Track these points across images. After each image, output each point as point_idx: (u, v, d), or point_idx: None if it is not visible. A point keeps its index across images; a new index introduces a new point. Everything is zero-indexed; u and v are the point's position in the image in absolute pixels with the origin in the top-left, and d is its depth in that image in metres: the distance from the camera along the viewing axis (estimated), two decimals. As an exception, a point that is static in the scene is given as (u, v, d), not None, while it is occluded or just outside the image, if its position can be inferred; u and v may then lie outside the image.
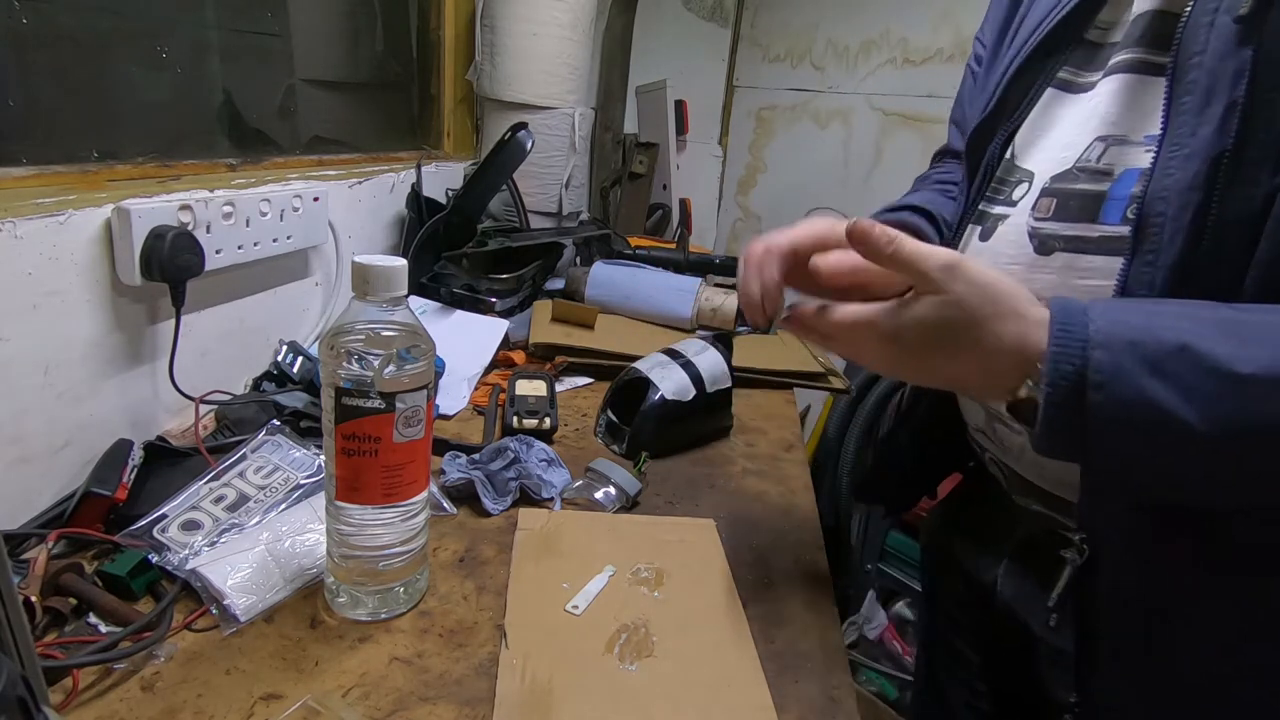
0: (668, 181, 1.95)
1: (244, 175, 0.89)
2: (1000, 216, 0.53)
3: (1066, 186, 0.48)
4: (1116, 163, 0.45)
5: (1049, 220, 0.48)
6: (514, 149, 1.18)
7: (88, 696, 0.46)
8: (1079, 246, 0.46)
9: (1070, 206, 0.47)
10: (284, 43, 1.07)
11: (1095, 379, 0.37)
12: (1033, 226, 0.49)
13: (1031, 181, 0.51)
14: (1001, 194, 0.54)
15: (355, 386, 0.49)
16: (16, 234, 0.59)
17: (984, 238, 0.54)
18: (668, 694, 0.50)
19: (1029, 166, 0.52)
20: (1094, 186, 0.46)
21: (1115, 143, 0.46)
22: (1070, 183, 0.48)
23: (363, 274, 0.49)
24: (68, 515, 0.60)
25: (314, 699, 0.47)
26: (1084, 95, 0.50)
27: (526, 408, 0.87)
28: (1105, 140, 0.47)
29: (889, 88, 1.98)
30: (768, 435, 0.95)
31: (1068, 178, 0.48)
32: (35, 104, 0.72)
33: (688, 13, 2.13)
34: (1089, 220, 0.46)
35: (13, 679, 0.29)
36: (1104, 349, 0.37)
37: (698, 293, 1.21)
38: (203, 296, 0.78)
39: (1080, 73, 0.51)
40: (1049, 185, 0.49)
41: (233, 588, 0.53)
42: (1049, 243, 0.48)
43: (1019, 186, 0.52)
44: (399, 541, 0.54)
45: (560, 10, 1.35)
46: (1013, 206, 0.52)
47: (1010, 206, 0.52)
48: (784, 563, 0.67)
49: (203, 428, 0.76)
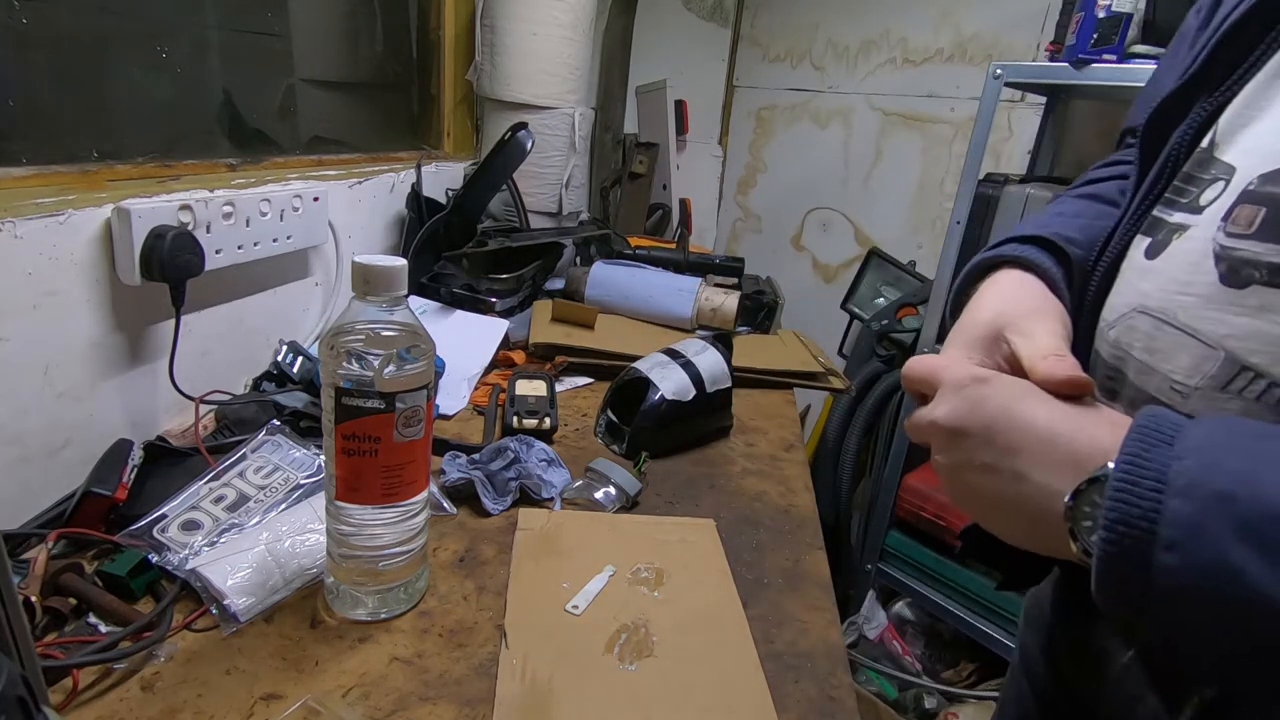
0: (668, 181, 1.95)
1: (244, 175, 0.89)
2: (1178, 228, 0.39)
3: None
4: None
5: (1248, 238, 0.34)
6: (514, 149, 1.18)
7: (88, 696, 0.46)
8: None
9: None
10: (284, 43, 1.07)
11: (1168, 537, 0.28)
12: (1221, 245, 0.35)
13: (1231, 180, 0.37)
14: (1186, 196, 0.40)
15: (355, 386, 0.49)
16: (16, 234, 0.59)
17: (1152, 254, 0.40)
18: (668, 694, 0.50)
19: (1231, 160, 0.38)
20: None
21: None
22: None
23: (363, 274, 0.49)
24: (68, 515, 0.60)
25: (314, 699, 0.47)
26: None
27: (526, 408, 0.87)
28: None
29: (889, 88, 1.98)
30: (768, 435, 0.95)
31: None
32: (35, 104, 0.72)
33: (688, 13, 2.13)
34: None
35: (13, 679, 0.29)
36: (1185, 498, 0.28)
37: (698, 293, 1.21)
38: (203, 296, 0.79)
39: None
40: (1255, 187, 0.35)
41: (233, 588, 0.53)
42: (1244, 271, 0.34)
43: (1211, 186, 0.38)
44: (399, 541, 0.54)
45: (560, 10, 1.35)
46: (1198, 214, 0.38)
47: (1194, 214, 0.38)
48: (784, 563, 0.67)
49: (203, 428, 0.76)
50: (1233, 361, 0.34)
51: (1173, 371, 0.37)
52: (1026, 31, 1.73)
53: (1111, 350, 0.42)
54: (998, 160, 1.77)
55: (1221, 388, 0.35)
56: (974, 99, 1.37)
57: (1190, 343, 0.36)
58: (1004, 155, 1.78)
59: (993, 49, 1.79)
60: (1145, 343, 0.39)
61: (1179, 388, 0.37)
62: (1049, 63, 1.27)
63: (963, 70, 1.84)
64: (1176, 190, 0.41)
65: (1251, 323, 0.34)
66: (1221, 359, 0.35)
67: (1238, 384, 0.34)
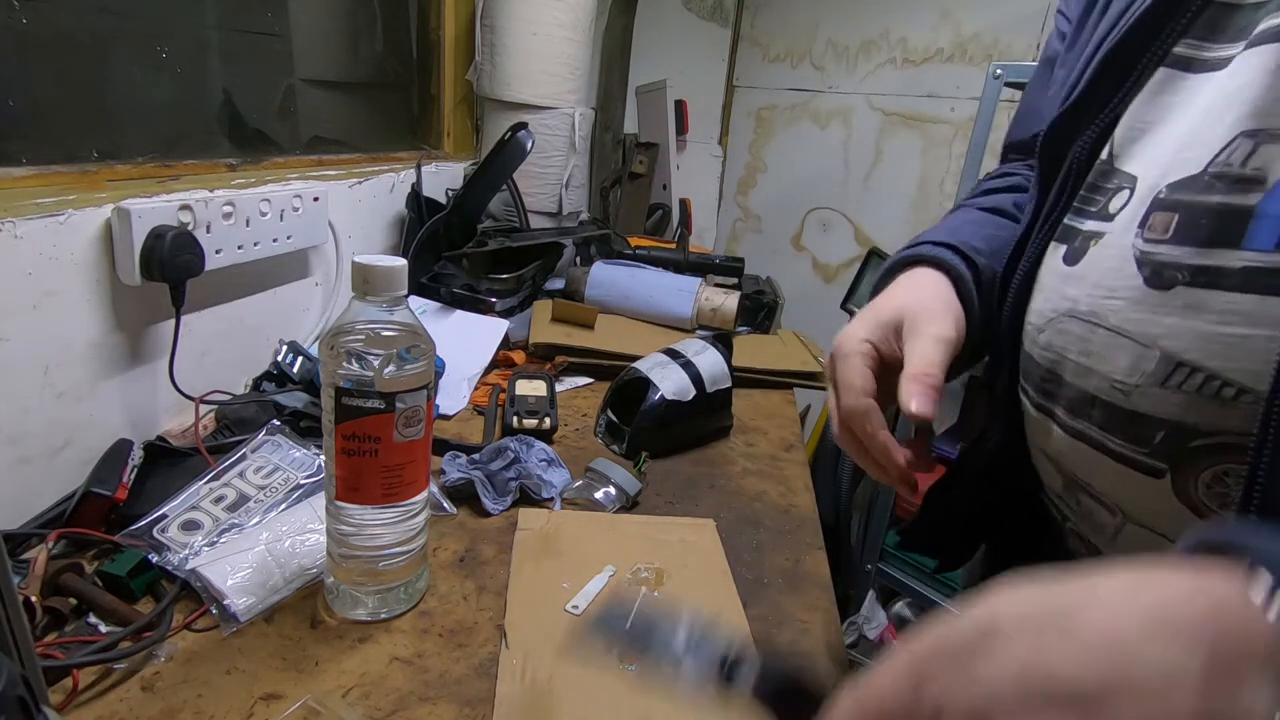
0: (668, 181, 1.95)
1: (244, 175, 0.89)
2: (1093, 234, 0.41)
3: (1194, 199, 0.35)
4: (1270, 166, 0.33)
5: (1165, 243, 0.36)
6: (514, 149, 1.18)
7: (88, 696, 0.46)
8: (1212, 280, 0.34)
9: (1200, 226, 0.35)
10: (284, 43, 1.07)
11: None
12: (1141, 250, 0.37)
13: (1134, 189, 0.39)
14: (1094, 204, 0.42)
15: (355, 386, 0.49)
16: (16, 234, 0.59)
17: (1071, 260, 0.42)
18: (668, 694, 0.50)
19: (1131, 170, 0.40)
20: (1236, 199, 0.34)
21: (1269, 139, 0.34)
22: (1200, 193, 0.35)
23: (363, 274, 0.49)
24: (68, 515, 0.60)
25: (314, 699, 0.47)
26: (1214, 75, 0.38)
27: (526, 408, 0.87)
28: (1254, 136, 0.34)
29: (889, 88, 1.98)
30: (768, 435, 0.95)
31: (1195, 186, 0.36)
32: (35, 104, 0.72)
33: (688, 13, 2.13)
34: (1228, 245, 0.34)
35: (13, 679, 0.29)
36: None
37: (698, 293, 1.21)
38: (203, 296, 0.79)
39: (1205, 45, 0.39)
40: (1165, 195, 0.37)
41: (233, 588, 0.53)
42: (1166, 273, 0.36)
43: (1117, 195, 0.40)
44: (399, 541, 0.54)
45: (560, 10, 1.35)
46: (1109, 221, 0.40)
47: (1105, 221, 0.40)
48: (784, 563, 0.67)
49: (203, 428, 0.76)
50: (1168, 359, 0.36)
51: (1111, 371, 0.38)
52: (1026, 31, 1.73)
53: (1044, 353, 0.44)
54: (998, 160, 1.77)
55: (1161, 384, 0.36)
56: (974, 99, 1.37)
57: (1125, 343, 0.38)
58: (1004, 155, 1.78)
59: (993, 49, 1.79)
60: (1080, 346, 0.41)
61: (1120, 386, 0.38)
62: (1049, 63, 1.27)
63: (963, 70, 1.84)
64: (1084, 199, 0.43)
65: (1181, 322, 0.35)
66: (1158, 357, 0.36)
67: (1176, 379, 0.35)
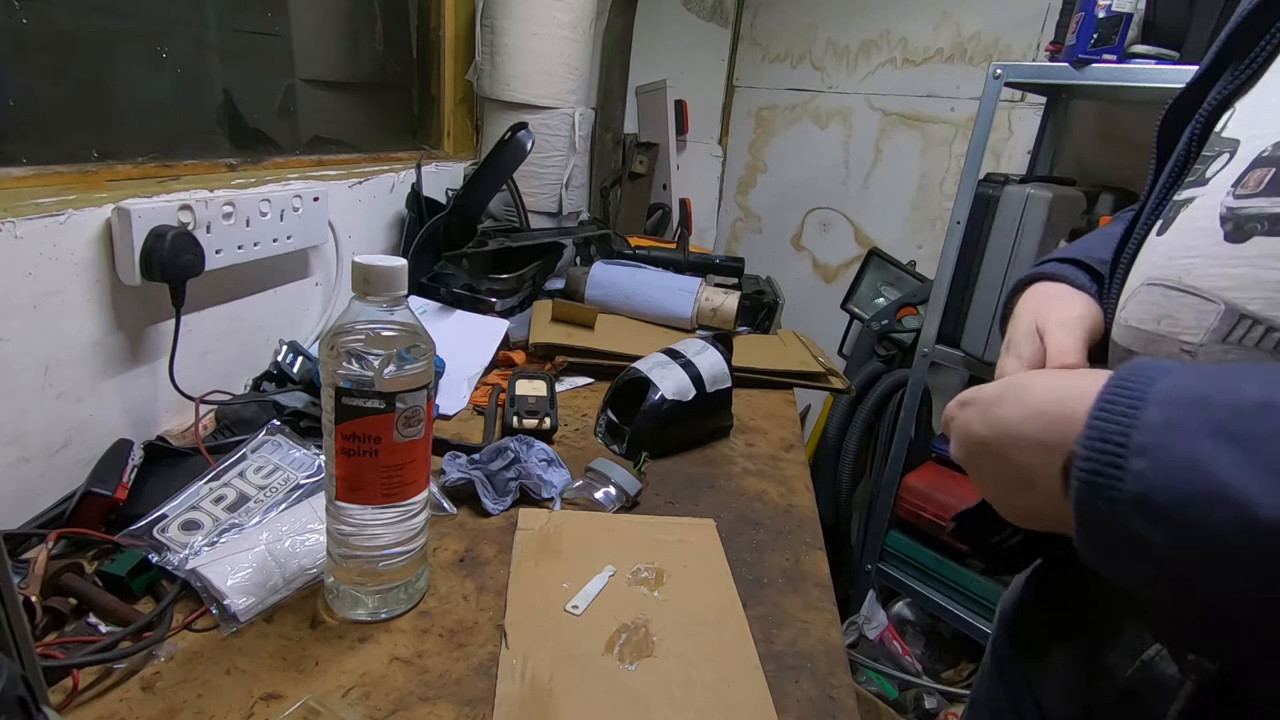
0: (668, 181, 1.95)
1: (244, 175, 0.89)
2: (1185, 202, 0.41)
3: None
4: None
5: (1255, 197, 0.36)
6: (514, 149, 1.18)
7: (88, 696, 0.46)
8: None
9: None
10: (284, 43, 1.07)
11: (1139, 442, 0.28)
12: (1230, 207, 0.37)
13: (1235, 152, 0.39)
14: (1194, 174, 0.42)
15: (355, 386, 0.49)
16: (16, 234, 0.59)
17: (1161, 230, 0.42)
18: (668, 694, 0.50)
19: (1234, 135, 0.40)
20: None
21: None
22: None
23: (363, 274, 0.49)
24: (68, 515, 0.60)
25: (314, 699, 0.47)
26: None
27: (526, 408, 0.87)
28: None
29: (889, 88, 1.98)
30: (768, 435, 0.95)
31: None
32: (35, 104, 0.72)
33: (688, 13, 2.13)
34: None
35: (13, 679, 0.29)
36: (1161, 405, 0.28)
37: (698, 293, 1.21)
38: (203, 296, 0.78)
39: None
40: (1270, 153, 0.36)
41: (233, 588, 0.53)
42: (1247, 225, 0.36)
43: (1216, 160, 0.40)
44: (399, 541, 0.54)
45: (560, 10, 1.35)
46: (1204, 186, 0.39)
47: (1200, 186, 0.40)
48: (784, 563, 0.67)
49: (203, 428, 0.76)
50: (1232, 312, 0.35)
51: (1180, 334, 0.38)
52: (1026, 31, 1.72)
53: (1124, 332, 0.43)
54: (998, 160, 1.77)
55: (1223, 339, 0.36)
56: (974, 99, 1.37)
57: (1193, 301, 0.37)
58: (1004, 155, 1.78)
59: (993, 49, 1.79)
60: (1154, 312, 0.40)
61: (1187, 348, 0.38)
62: (1049, 63, 1.27)
63: (963, 70, 1.84)
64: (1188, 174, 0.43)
65: (1249, 271, 0.35)
66: (1221, 311, 0.36)
67: (1238, 333, 0.35)
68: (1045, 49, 1.47)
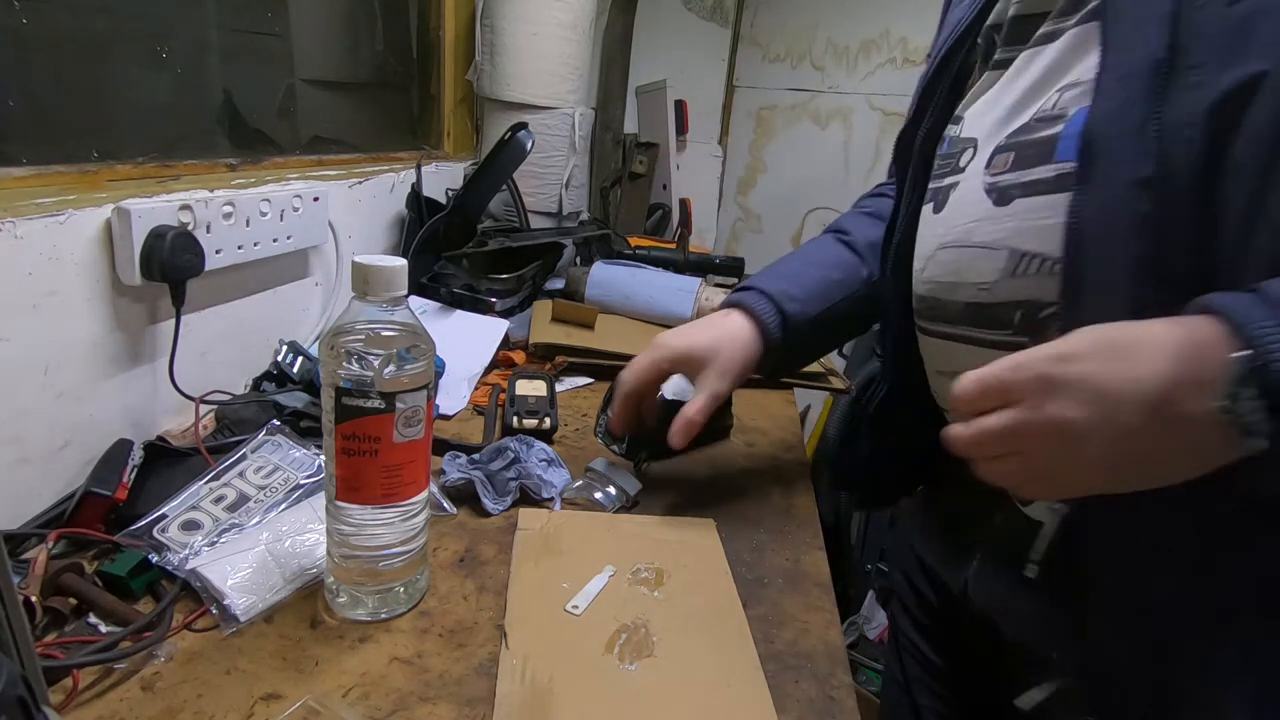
0: (668, 181, 1.95)
1: (244, 175, 0.89)
2: (952, 185, 0.54)
3: (1023, 138, 0.48)
4: (1069, 105, 0.46)
5: (1007, 173, 0.49)
6: (514, 149, 1.18)
7: (88, 696, 0.46)
8: (1036, 189, 0.46)
9: (1028, 155, 0.47)
10: (284, 43, 1.07)
11: None
12: (989, 182, 0.50)
13: (976, 146, 0.52)
14: (949, 166, 0.55)
15: (355, 386, 0.49)
16: (16, 234, 0.59)
17: (937, 209, 0.56)
18: (668, 694, 0.50)
19: (971, 134, 0.54)
20: (1049, 130, 0.47)
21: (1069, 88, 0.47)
22: (1027, 134, 0.48)
23: (363, 274, 0.49)
24: (68, 515, 0.60)
25: (314, 699, 0.47)
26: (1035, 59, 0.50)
27: (526, 408, 0.87)
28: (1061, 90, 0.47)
29: (889, 88, 1.98)
30: (768, 435, 0.95)
31: (1025, 130, 0.49)
32: (35, 104, 0.72)
33: (688, 13, 2.13)
34: (1044, 162, 0.46)
35: (13, 679, 0.28)
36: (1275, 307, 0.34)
37: (698, 293, 1.21)
38: (203, 296, 0.78)
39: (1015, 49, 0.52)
40: (1005, 142, 0.50)
41: (233, 588, 0.53)
42: (1009, 193, 0.48)
43: (964, 154, 0.54)
44: (399, 541, 0.54)
45: (560, 10, 1.35)
46: (961, 172, 0.53)
47: (959, 173, 0.54)
48: (784, 563, 0.67)
49: (203, 428, 0.76)
50: (1014, 254, 0.48)
51: (976, 278, 0.50)
52: (1026, 31, 1.72)
53: (927, 286, 0.56)
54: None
55: (1013, 274, 0.48)
56: (974, 99, 1.36)
57: (982, 252, 0.50)
58: (1004, 155, 1.78)
59: (993, 49, 1.78)
60: (950, 267, 0.53)
61: (983, 286, 0.50)
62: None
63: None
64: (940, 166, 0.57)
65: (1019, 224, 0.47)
66: (1006, 255, 0.48)
67: (1022, 267, 0.47)
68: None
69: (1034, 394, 0.39)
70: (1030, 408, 0.39)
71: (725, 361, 0.69)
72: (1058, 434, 0.38)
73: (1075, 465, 0.39)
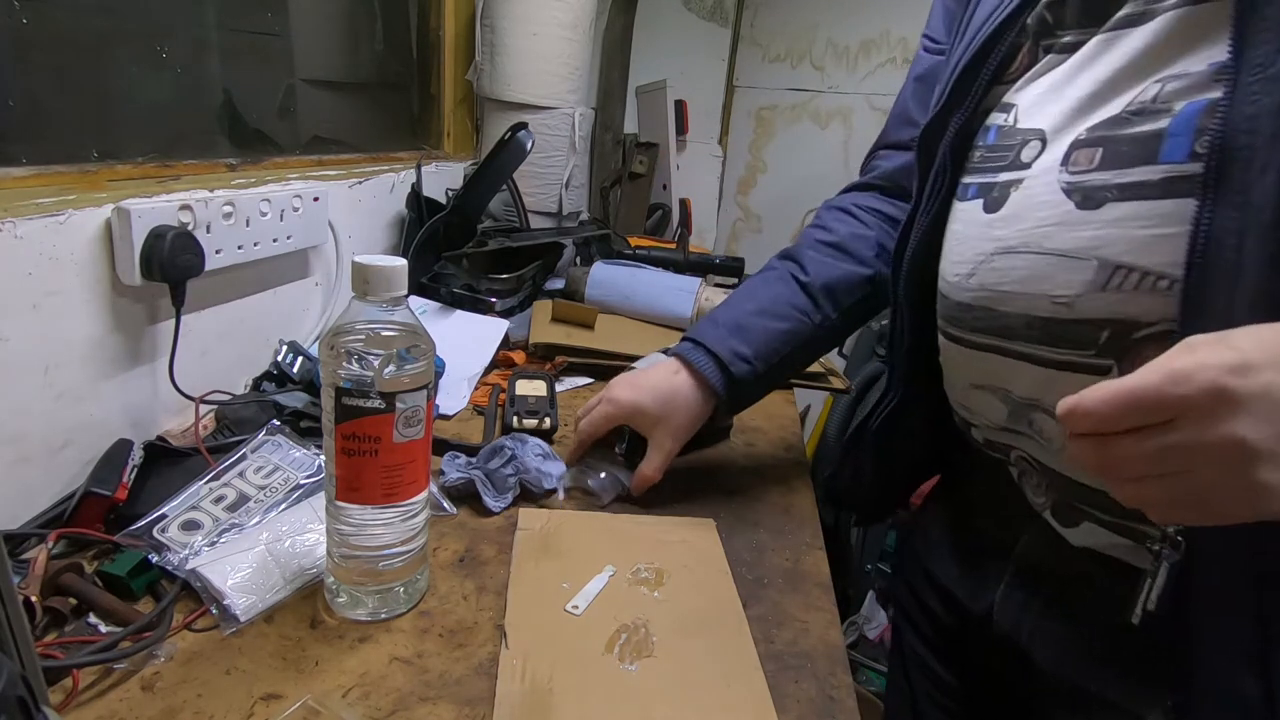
0: (668, 181, 1.95)
1: (244, 175, 0.89)
2: (1012, 182, 0.49)
3: (1113, 133, 0.43)
4: (1174, 100, 0.41)
5: (1093, 171, 0.43)
6: (514, 149, 1.18)
7: (88, 696, 0.46)
8: (1137, 193, 0.41)
9: (1122, 153, 0.42)
10: (284, 43, 1.07)
11: None
12: (1069, 181, 0.45)
13: (1045, 139, 0.47)
14: (1001, 160, 0.50)
15: (355, 386, 0.49)
16: (16, 234, 0.59)
17: (992, 208, 0.50)
18: (668, 694, 0.50)
19: (1036, 125, 0.48)
20: (1149, 126, 0.41)
21: (1172, 80, 0.41)
22: (1118, 128, 0.43)
23: (363, 274, 0.49)
24: (68, 515, 0.60)
25: (314, 699, 0.47)
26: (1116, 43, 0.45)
27: (526, 408, 0.87)
28: (1162, 80, 0.42)
29: (889, 88, 1.97)
30: (768, 435, 0.95)
31: (1115, 124, 0.43)
32: (35, 104, 0.72)
33: (688, 13, 2.13)
34: (1147, 162, 0.41)
35: (13, 679, 0.28)
36: None
37: (698, 293, 1.21)
38: (203, 296, 0.78)
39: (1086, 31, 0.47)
40: (1086, 136, 0.44)
41: (233, 588, 0.53)
42: (1098, 195, 0.43)
43: (1026, 147, 0.48)
44: (399, 541, 0.54)
45: (560, 10, 1.35)
46: (1027, 168, 0.48)
47: (1023, 169, 0.48)
48: (784, 563, 0.67)
49: (203, 428, 0.76)
50: (1106, 265, 0.42)
51: (1050, 289, 0.45)
52: (1026, 31, 1.72)
53: (976, 295, 0.51)
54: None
55: (1102, 288, 0.43)
56: (974, 99, 1.36)
57: (1062, 261, 0.44)
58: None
59: (993, 49, 1.78)
60: (1016, 275, 0.47)
61: (1061, 299, 0.45)
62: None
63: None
64: (983, 160, 0.52)
65: (1114, 232, 0.42)
66: (1095, 266, 0.43)
67: (1115, 281, 0.42)
68: (1045, 49, 1.47)
69: (1206, 410, 0.32)
70: (1201, 426, 0.33)
71: (673, 426, 0.72)
72: (1233, 456, 0.33)
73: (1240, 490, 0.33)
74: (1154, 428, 0.34)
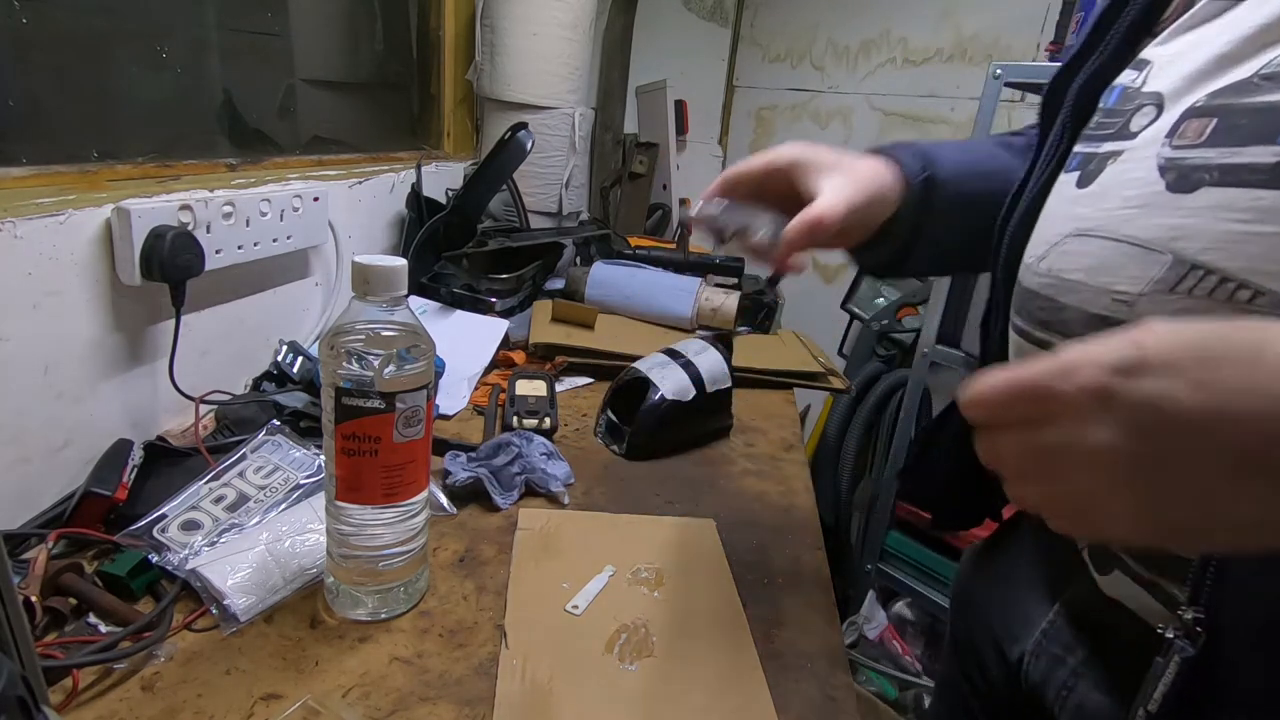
0: (668, 181, 1.95)
1: (244, 175, 0.89)
2: (1111, 154, 0.40)
3: (1236, 101, 0.34)
4: None
5: (1199, 146, 0.35)
6: (514, 149, 1.19)
7: (88, 696, 0.46)
8: (1240, 177, 0.33)
9: (1239, 127, 0.33)
10: (284, 43, 1.07)
11: None
12: (1169, 157, 0.36)
13: (1162, 105, 0.38)
14: (1111, 127, 0.41)
15: (355, 386, 0.49)
16: (16, 234, 0.59)
17: (1084, 183, 0.42)
18: (668, 694, 0.50)
19: (1155, 88, 0.39)
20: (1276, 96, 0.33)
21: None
22: (1239, 96, 0.34)
23: (363, 274, 0.49)
24: (68, 515, 0.60)
25: (314, 699, 0.47)
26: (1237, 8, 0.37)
27: (526, 408, 0.87)
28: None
29: (889, 88, 1.98)
30: (768, 435, 0.95)
31: (1241, 90, 0.34)
32: (35, 104, 0.72)
33: (688, 13, 2.13)
34: (1263, 141, 0.32)
35: (13, 679, 0.29)
36: None
37: (698, 293, 1.21)
38: (203, 296, 0.78)
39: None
40: (1204, 103, 0.35)
41: (233, 588, 0.53)
42: (1195, 175, 0.35)
43: (1139, 113, 0.39)
44: (399, 541, 0.54)
45: (560, 10, 1.35)
46: (1131, 139, 0.39)
47: (1127, 140, 0.39)
48: (784, 563, 0.67)
49: (203, 428, 0.76)
50: (1181, 262, 0.34)
51: (1114, 283, 0.37)
52: (1026, 31, 1.73)
53: (1044, 281, 0.43)
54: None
55: (1170, 289, 0.35)
56: (974, 99, 1.37)
57: (1135, 251, 0.37)
58: (1004, 155, 1.78)
59: (993, 49, 1.79)
60: (1083, 262, 0.40)
61: (1122, 297, 0.37)
62: (1049, 63, 1.27)
63: (963, 70, 1.84)
64: (1099, 126, 0.43)
65: (1202, 223, 0.34)
66: (1169, 262, 0.35)
67: (1187, 283, 0.34)
68: (1045, 49, 1.48)
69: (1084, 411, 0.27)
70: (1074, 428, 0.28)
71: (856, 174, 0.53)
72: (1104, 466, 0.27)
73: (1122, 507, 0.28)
74: (1033, 423, 0.29)
